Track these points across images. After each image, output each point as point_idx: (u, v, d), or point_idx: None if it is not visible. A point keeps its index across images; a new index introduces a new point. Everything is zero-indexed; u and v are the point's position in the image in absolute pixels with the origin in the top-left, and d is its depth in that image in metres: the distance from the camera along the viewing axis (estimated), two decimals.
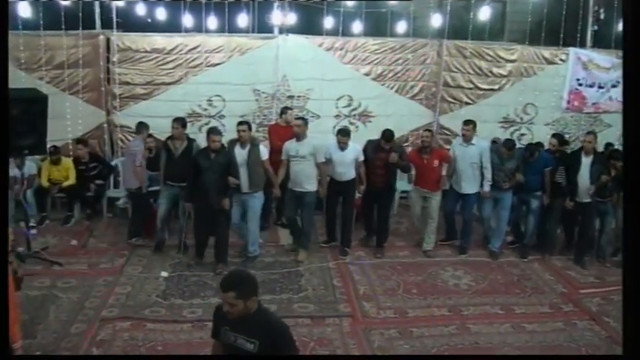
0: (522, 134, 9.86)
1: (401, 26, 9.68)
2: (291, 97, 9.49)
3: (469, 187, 7.68)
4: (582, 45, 10.03)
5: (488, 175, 7.55)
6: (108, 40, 9.08)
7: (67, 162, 8.87)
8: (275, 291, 6.65)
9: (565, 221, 7.98)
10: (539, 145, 7.94)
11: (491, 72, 9.83)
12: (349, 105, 9.71)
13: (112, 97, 9.21)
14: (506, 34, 10.07)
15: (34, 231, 8.27)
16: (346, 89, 9.63)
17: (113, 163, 9.31)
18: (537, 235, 7.92)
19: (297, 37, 9.40)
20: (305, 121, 7.51)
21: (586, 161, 7.36)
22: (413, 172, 8.03)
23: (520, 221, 8.01)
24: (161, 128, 8.38)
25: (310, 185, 7.35)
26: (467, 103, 9.88)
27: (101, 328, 5.77)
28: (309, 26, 9.80)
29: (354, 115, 9.76)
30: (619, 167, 7.17)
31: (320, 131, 9.33)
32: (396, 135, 7.84)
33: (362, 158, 7.49)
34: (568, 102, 9.92)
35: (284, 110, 8.59)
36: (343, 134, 7.39)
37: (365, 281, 6.98)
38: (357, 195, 7.81)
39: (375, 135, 7.72)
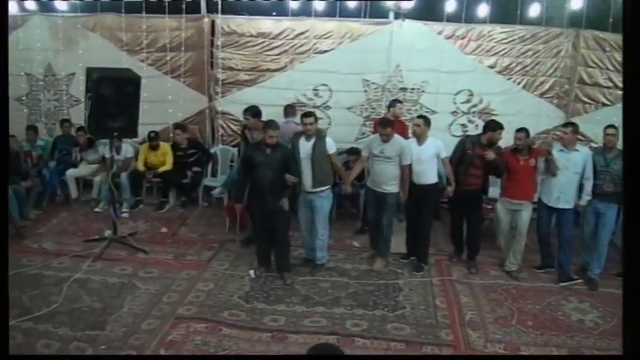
0: None
1: (533, 12, 8.54)
2: (403, 89, 8.70)
3: (568, 200, 6.50)
4: None
5: (589, 187, 6.39)
6: (213, 23, 8.77)
7: (165, 147, 8.69)
8: (368, 306, 5.87)
9: None
10: None
11: None
12: (469, 101, 8.76)
13: (215, 83, 8.93)
14: None
15: (125, 214, 8.27)
16: (466, 83, 8.70)
17: (212, 150, 8.98)
18: None
19: (414, 23, 8.56)
20: (392, 126, 6.56)
21: None
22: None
23: None
24: (264, 117, 7.86)
25: (391, 187, 6.50)
26: (604, 104, 8.58)
27: (174, 327, 5.34)
28: (428, 11, 8.86)
29: (474, 113, 8.79)
30: None
31: (434, 128, 8.45)
32: None
33: (444, 155, 6.61)
34: None
35: (392, 103, 7.86)
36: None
37: (473, 305, 6.02)
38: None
39: None
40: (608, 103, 8.57)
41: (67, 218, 8.19)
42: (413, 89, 8.71)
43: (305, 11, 8.70)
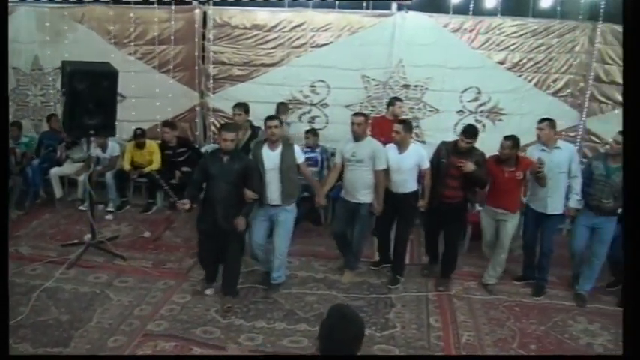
0: None
1: (546, 3, 7.97)
2: (406, 86, 8.22)
3: (556, 205, 5.92)
4: None
5: (577, 186, 5.79)
6: (204, 15, 8.34)
7: (152, 146, 8.29)
8: None
9: None
10: None
11: None
12: (476, 99, 8.25)
13: (206, 78, 8.52)
14: None
15: (109, 216, 7.91)
16: (474, 80, 8.19)
17: (203, 149, 8.51)
18: None
19: (419, 15, 8.05)
20: (366, 117, 6.10)
21: None
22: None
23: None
24: (258, 115, 7.37)
25: (366, 197, 5.98)
26: (622, 104, 7.98)
27: (141, 345, 4.89)
28: (433, 2, 8.32)
29: (482, 112, 8.27)
30: None
31: (438, 129, 8.15)
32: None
33: (426, 166, 6.06)
34: None
35: (392, 101, 7.36)
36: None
37: (471, 324, 5.47)
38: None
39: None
40: None
41: (48, 220, 7.80)
42: (416, 86, 8.22)
43: (302, 2, 8.25)
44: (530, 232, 6.22)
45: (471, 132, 5.83)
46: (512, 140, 5.78)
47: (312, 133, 7.92)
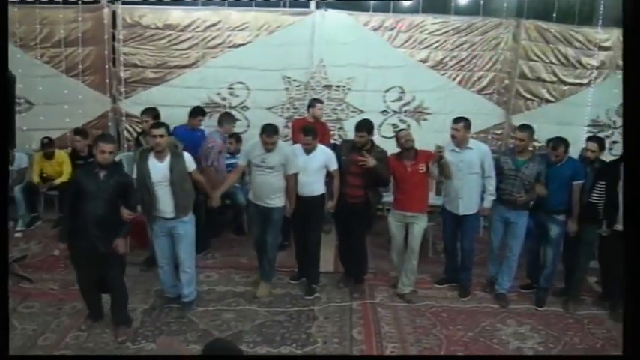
0: (614, 142, 7.86)
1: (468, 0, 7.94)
2: (328, 86, 8.02)
3: (469, 206, 5.82)
4: None
5: (491, 187, 5.70)
6: (113, 14, 7.86)
7: (62, 156, 7.78)
8: (274, 341, 5.04)
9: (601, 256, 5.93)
10: (564, 143, 5.74)
11: (579, 62, 7.94)
12: (400, 98, 8.10)
13: (118, 81, 8.04)
14: (597, 20, 8.17)
15: (18, 234, 7.41)
16: (397, 79, 8.03)
17: (117, 158, 7.99)
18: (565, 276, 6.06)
19: (338, 14, 7.86)
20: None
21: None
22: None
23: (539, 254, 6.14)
24: (174, 119, 7.08)
25: (276, 200, 5.73)
26: (547, 101, 8.05)
27: None
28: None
29: (406, 112, 8.13)
30: None
31: None
32: None
33: (335, 167, 5.83)
34: None
35: (312, 102, 7.08)
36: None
37: (396, 334, 5.25)
38: None
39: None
40: (551, 99, 8.07)
41: None
42: (338, 86, 8.03)
43: (216, 1, 7.91)
44: (448, 234, 6.12)
45: (362, 125, 5.68)
46: (409, 130, 5.83)
47: (236, 138, 7.47)
